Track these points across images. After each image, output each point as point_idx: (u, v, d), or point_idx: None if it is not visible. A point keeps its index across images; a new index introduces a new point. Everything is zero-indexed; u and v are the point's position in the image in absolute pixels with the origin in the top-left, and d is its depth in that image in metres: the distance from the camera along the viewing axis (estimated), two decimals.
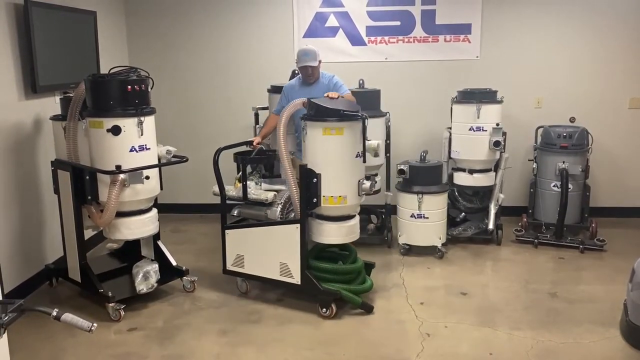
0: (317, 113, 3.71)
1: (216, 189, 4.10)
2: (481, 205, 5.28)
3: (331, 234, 3.84)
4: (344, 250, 4.06)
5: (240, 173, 4.05)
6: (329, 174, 3.70)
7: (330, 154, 3.71)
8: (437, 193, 4.84)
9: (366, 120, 3.73)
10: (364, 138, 3.72)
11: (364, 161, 3.77)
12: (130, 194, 3.71)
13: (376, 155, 4.09)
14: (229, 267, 4.15)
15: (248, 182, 4.06)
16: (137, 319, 3.80)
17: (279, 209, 3.97)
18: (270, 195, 3.97)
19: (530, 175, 5.54)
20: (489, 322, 3.70)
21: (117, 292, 3.85)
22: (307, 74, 4.28)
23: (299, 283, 3.82)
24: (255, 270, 4.02)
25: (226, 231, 4.11)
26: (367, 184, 3.79)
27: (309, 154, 3.76)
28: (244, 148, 4.29)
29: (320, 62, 4.28)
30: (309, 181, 3.68)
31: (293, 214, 3.97)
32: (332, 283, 3.80)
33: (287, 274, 3.86)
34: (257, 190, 4.06)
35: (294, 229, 3.77)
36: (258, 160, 4.20)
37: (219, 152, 4.04)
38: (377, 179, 5.02)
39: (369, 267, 4.22)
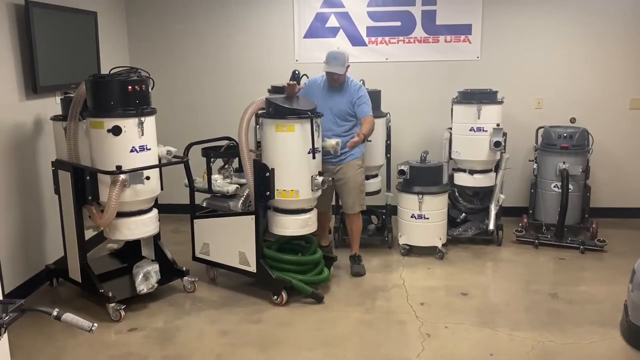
0: (270, 110, 3.89)
1: (186, 181, 4.31)
2: (482, 206, 5.27)
3: (286, 226, 4.04)
4: (308, 243, 4.25)
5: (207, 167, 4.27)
6: (282, 169, 3.88)
7: (283, 149, 3.89)
8: (438, 194, 4.84)
9: (316, 119, 3.85)
10: (313, 136, 3.82)
11: (314, 157, 3.88)
12: (131, 195, 3.72)
13: (335, 152, 4.14)
14: (197, 254, 4.38)
15: (216, 176, 4.27)
16: (138, 319, 3.80)
17: (240, 201, 4.17)
18: (232, 188, 4.18)
19: (530, 175, 5.54)
20: (489, 323, 3.70)
21: (118, 293, 3.85)
22: (332, 78, 4.24)
23: (255, 271, 4.03)
24: (219, 258, 4.26)
25: (194, 220, 4.35)
26: (319, 179, 3.92)
27: (265, 150, 3.95)
28: (227, 144, 4.39)
29: (348, 67, 4.23)
30: (261, 175, 3.87)
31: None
32: (288, 273, 4.00)
33: (245, 263, 4.08)
34: (222, 183, 4.26)
35: (250, 220, 3.98)
36: (223, 155, 4.34)
37: (189, 147, 4.28)
38: (378, 179, 5.04)
39: (330, 260, 4.42)
